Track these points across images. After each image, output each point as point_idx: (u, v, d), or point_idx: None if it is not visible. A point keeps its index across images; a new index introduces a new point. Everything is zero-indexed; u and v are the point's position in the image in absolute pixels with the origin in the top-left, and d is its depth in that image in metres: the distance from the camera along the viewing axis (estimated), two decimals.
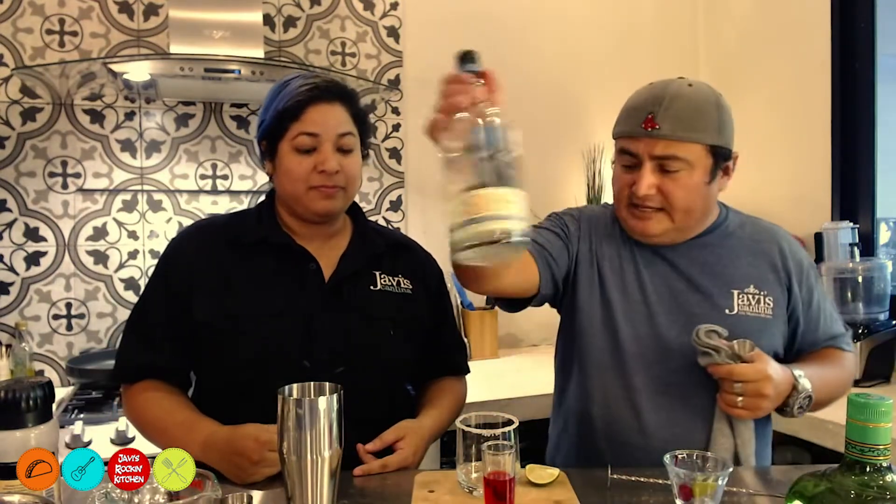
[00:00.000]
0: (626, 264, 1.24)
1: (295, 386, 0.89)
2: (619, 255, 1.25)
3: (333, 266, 1.22)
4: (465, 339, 1.43)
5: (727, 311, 1.18)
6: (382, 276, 1.25)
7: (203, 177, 2.24)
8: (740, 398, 1.05)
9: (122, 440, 1.58)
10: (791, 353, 1.25)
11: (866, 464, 0.61)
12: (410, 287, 1.28)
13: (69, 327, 2.11)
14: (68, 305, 2.11)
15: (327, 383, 0.89)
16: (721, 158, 1.16)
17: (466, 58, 1.01)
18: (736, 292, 1.19)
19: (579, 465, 1.23)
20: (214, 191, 2.25)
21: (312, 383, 0.90)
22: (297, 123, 1.17)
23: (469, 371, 1.40)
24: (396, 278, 1.27)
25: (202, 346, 1.17)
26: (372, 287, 1.23)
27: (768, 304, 1.19)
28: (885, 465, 0.62)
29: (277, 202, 1.27)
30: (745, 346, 1.08)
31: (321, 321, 1.17)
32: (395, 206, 2.47)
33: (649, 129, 1.12)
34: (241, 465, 1.02)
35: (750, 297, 1.19)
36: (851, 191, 2.24)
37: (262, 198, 1.32)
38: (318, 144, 1.17)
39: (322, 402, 0.82)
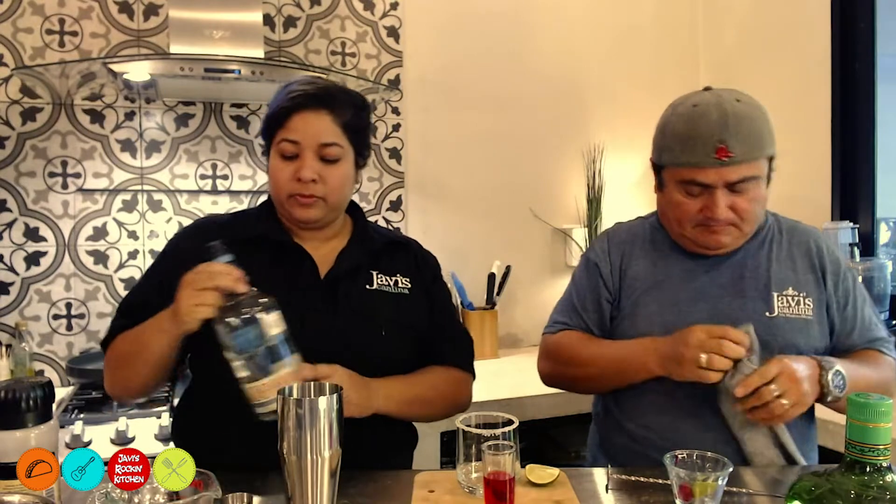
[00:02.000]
0: (662, 278, 1.28)
1: (295, 385, 0.89)
2: (655, 268, 1.29)
3: (330, 265, 1.22)
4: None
5: (767, 313, 1.20)
6: (379, 275, 1.25)
7: (203, 177, 2.24)
8: (784, 400, 1.04)
9: (122, 440, 1.58)
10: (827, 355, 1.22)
11: (866, 464, 0.61)
12: (409, 286, 1.27)
13: (69, 327, 2.11)
14: (68, 305, 2.11)
15: (327, 383, 0.90)
16: (772, 164, 1.21)
17: (220, 250, 1.05)
18: (776, 294, 1.21)
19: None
20: (214, 191, 2.25)
21: (313, 383, 0.90)
22: (281, 130, 1.18)
23: (466, 366, 1.33)
24: (394, 277, 1.26)
25: (195, 341, 1.17)
26: (368, 286, 1.23)
27: (808, 305, 1.21)
28: (885, 465, 0.62)
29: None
30: (749, 331, 1.09)
31: (315, 319, 1.16)
32: (395, 206, 2.47)
33: (724, 160, 1.12)
34: (181, 297, 1.02)
35: (789, 298, 1.21)
36: (851, 191, 2.24)
37: (263, 198, 1.32)
38: (300, 151, 1.17)
39: (322, 401, 0.83)
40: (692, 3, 2.84)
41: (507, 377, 2.11)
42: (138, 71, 1.86)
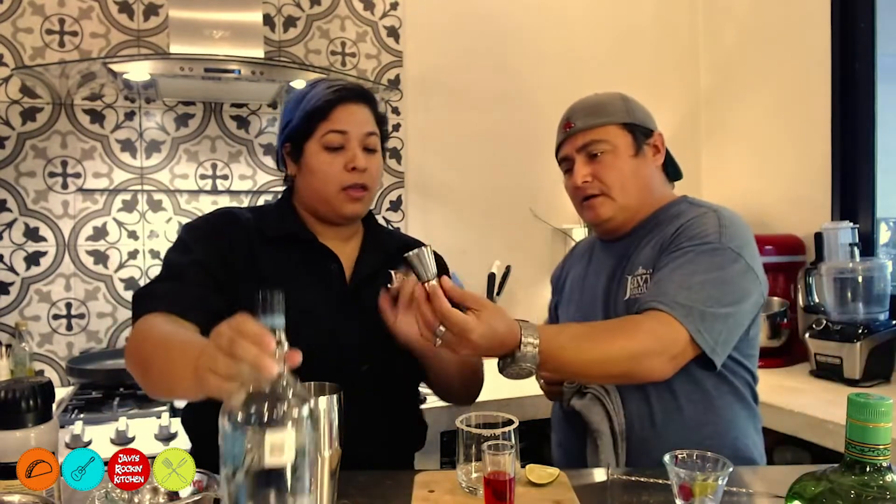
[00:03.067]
0: (578, 274, 1.41)
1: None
2: (582, 268, 1.41)
3: (351, 266, 1.24)
4: None
5: (623, 296, 1.23)
6: (398, 275, 1.26)
7: (203, 177, 2.24)
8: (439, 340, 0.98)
9: (122, 440, 1.58)
10: None
11: (866, 464, 0.61)
12: None
13: (69, 327, 2.11)
14: (68, 305, 2.11)
15: (327, 383, 0.90)
16: (640, 135, 1.29)
17: (275, 305, 0.69)
18: (629, 277, 1.24)
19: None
20: (214, 191, 2.25)
21: (313, 383, 0.90)
22: (325, 122, 1.19)
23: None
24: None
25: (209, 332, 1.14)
26: (390, 286, 1.24)
27: (648, 281, 1.18)
28: (885, 464, 0.62)
29: (296, 202, 1.28)
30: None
31: (346, 322, 1.18)
32: (395, 206, 2.47)
33: (567, 130, 1.31)
34: (206, 358, 0.72)
35: (639, 278, 1.22)
36: (851, 191, 2.24)
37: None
38: (347, 142, 1.19)
39: (322, 402, 0.83)
40: (692, 4, 2.84)
41: None
42: (138, 71, 1.86)
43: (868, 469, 0.61)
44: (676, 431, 1.15)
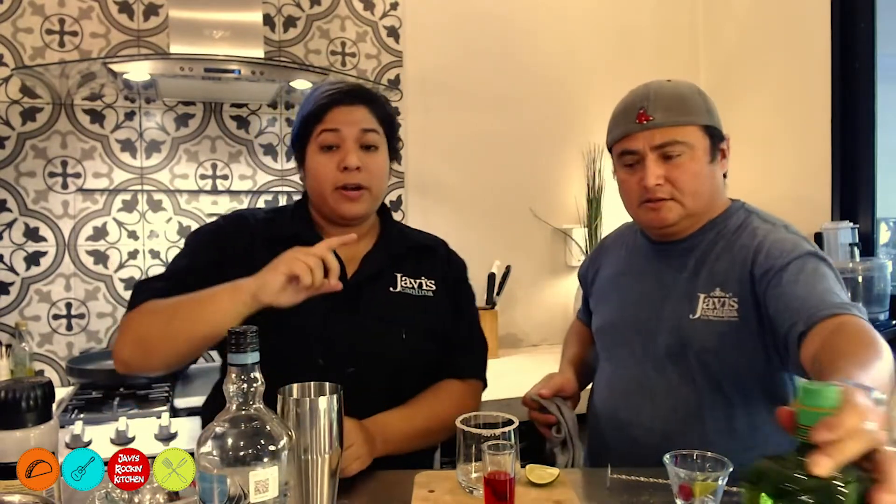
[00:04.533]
0: (626, 272, 1.33)
1: (295, 386, 0.89)
2: (622, 264, 1.35)
3: (357, 266, 1.23)
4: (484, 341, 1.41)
5: (690, 315, 1.17)
6: (404, 278, 1.25)
7: (203, 177, 2.24)
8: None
9: (122, 440, 1.58)
10: (780, 341, 1.06)
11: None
12: (433, 289, 1.27)
13: (69, 327, 2.11)
14: (68, 305, 2.11)
15: (327, 383, 0.90)
16: (717, 139, 1.20)
17: (246, 343, 0.72)
18: (702, 296, 1.17)
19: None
20: (214, 191, 2.25)
21: (313, 383, 0.90)
22: (320, 124, 1.19)
23: (477, 374, 1.34)
24: (419, 280, 1.27)
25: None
26: (392, 289, 1.24)
27: (732, 307, 1.13)
28: None
29: (310, 204, 1.29)
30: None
31: (338, 320, 1.17)
32: (395, 206, 2.47)
33: (644, 123, 1.17)
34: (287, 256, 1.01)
35: (715, 300, 1.15)
36: (851, 191, 2.24)
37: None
38: (341, 142, 1.19)
39: (322, 401, 0.83)
40: (692, 3, 2.84)
41: (507, 377, 2.11)
42: (138, 71, 1.86)
43: None
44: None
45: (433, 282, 1.28)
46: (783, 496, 0.61)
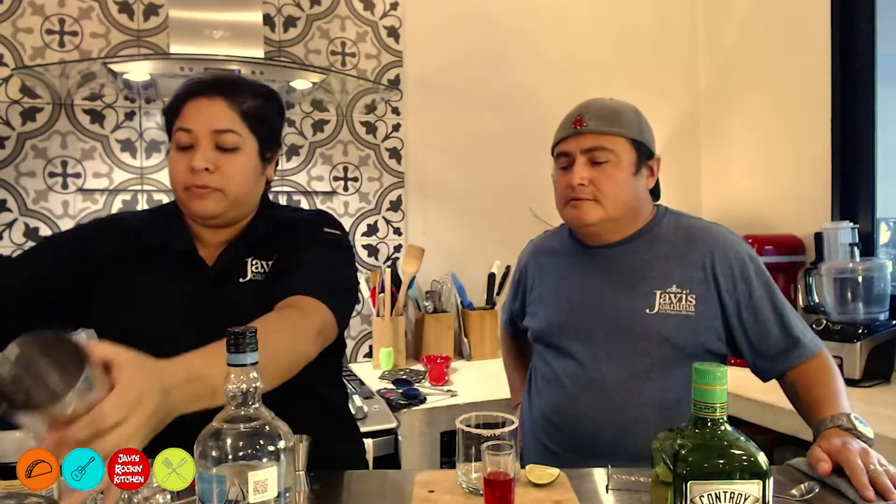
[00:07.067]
0: (554, 275, 1.40)
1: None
2: (551, 267, 1.42)
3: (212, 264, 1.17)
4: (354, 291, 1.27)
5: (647, 310, 1.25)
6: (255, 262, 1.16)
7: None
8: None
9: None
10: (760, 360, 1.27)
11: (707, 419, 0.75)
12: (272, 264, 1.17)
13: None
14: None
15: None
16: (644, 155, 1.31)
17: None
18: (658, 292, 1.26)
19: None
20: None
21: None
22: (176, 120, 1.12)
23: (316, 292, 1.05)
24: (270, 261, 1.17)
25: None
26: (241, 279, 1.15)
27: (690, 302, 1.25)
28: (721, 419, 0.75)
29: None
30: None
31: (202, 323, 1.06)
32: (395, 206, 2.47)
33: (578, 128, 1.29)
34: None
35: (672, 296, 1.26)
36: (851, 191, 2.24)
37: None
38: (195, 141, 1.10)
39: (12, 348, 0.63)
40: (692, 4, 2.85)
41: (506, 377, 2.11)
42: (138, 71, 1.86)
43: (709, 423, 0.75)
44: None
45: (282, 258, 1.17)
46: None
